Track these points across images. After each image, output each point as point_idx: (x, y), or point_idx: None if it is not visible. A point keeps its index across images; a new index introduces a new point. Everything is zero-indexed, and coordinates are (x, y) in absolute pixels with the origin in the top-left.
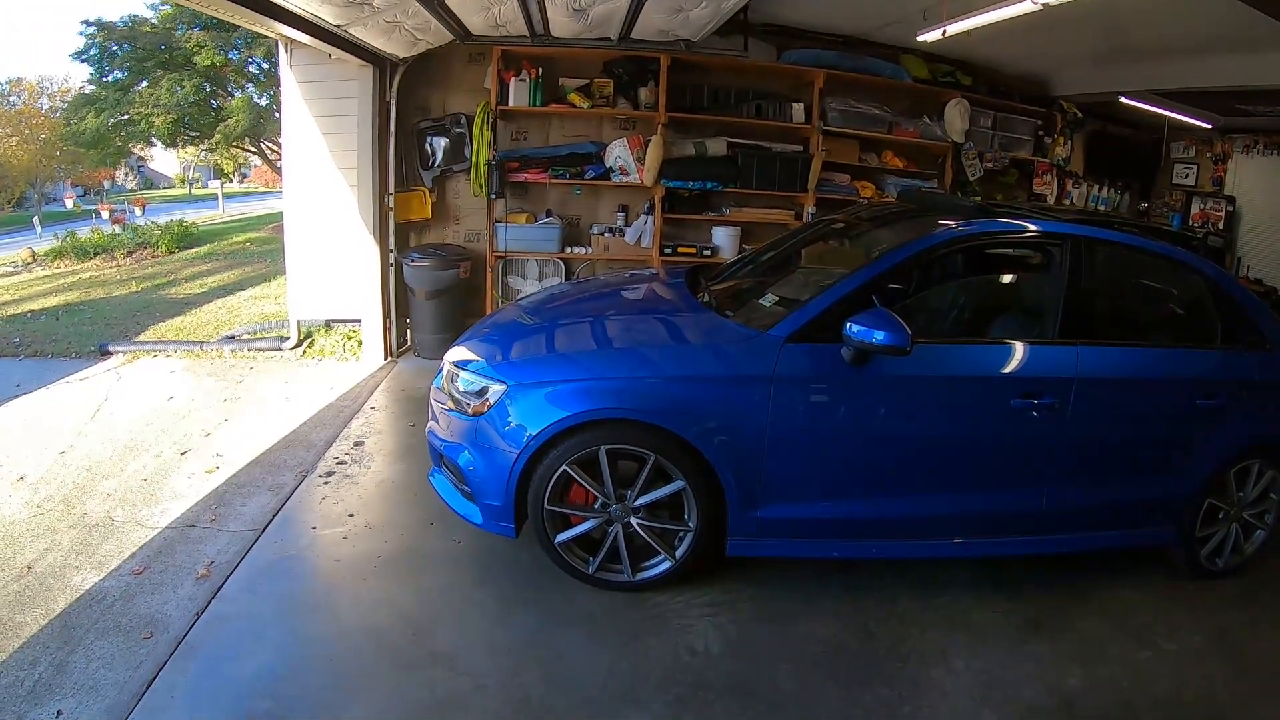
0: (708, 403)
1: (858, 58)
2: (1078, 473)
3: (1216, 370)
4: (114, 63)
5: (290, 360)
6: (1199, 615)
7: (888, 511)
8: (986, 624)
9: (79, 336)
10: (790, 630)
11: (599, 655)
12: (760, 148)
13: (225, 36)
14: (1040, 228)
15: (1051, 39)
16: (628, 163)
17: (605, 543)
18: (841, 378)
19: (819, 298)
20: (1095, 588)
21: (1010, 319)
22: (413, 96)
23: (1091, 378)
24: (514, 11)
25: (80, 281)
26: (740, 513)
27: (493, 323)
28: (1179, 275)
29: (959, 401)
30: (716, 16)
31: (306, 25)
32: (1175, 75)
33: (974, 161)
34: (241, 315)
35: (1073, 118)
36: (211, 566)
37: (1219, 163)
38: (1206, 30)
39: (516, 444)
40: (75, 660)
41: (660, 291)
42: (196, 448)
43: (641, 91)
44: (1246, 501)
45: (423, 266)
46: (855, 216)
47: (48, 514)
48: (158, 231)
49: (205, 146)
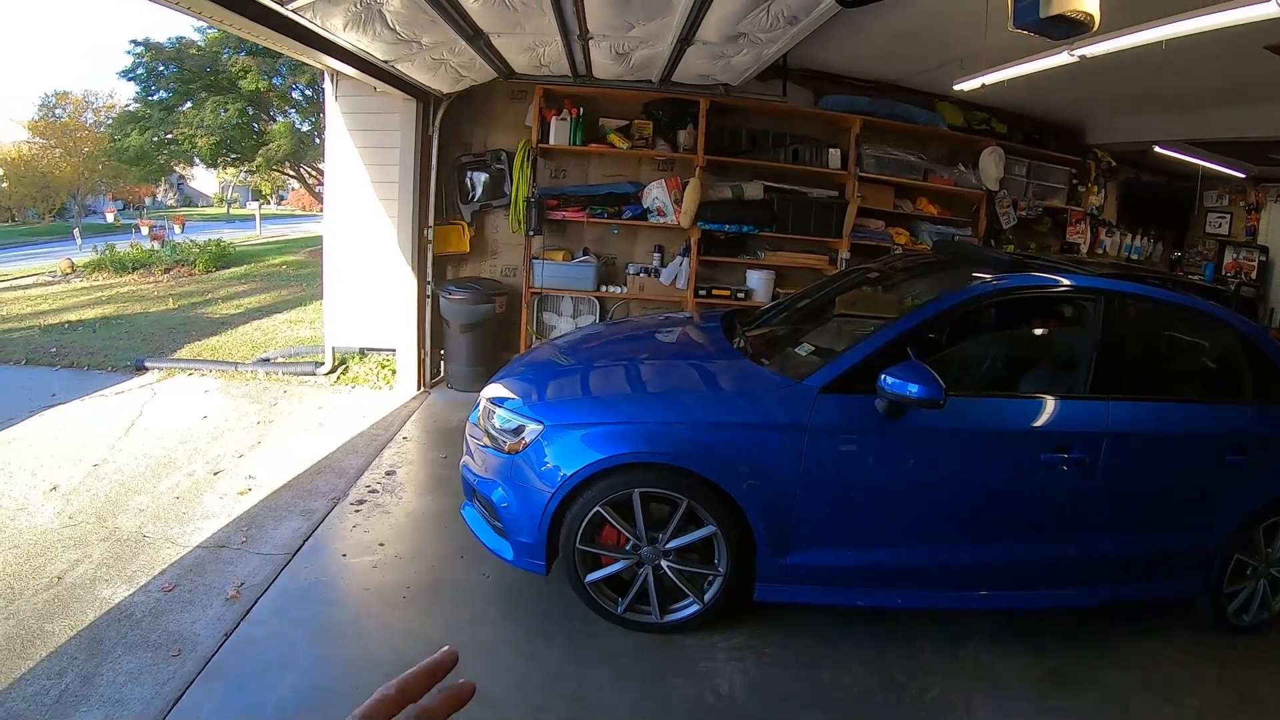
0: (741, 449)
1: (894, 104)
2: (1106, 526)
3: (1246, 425)
4: (160, 82)
5: (324, 386)
6: (1224, 671)
7: (915, 561)
8: (1010, 675)
9: (115, 350)
10: (815, 676)
11: (624, 694)
12: (796, 192)
13: (270, 63)
14: (1074, 282)
15: (1086, 88)
16: (665, 204)
17: (635, 584)
18: (874, 429)
19: (854, 349)
20: (1120, 641)
21: (1042, 373)
22: (455, 131)
23: (1121, 432)
24: (558, 53)
25: (118, 295)
26: (769, 559)
27: (529, 361)
28: (1210, 330)
29: (989, 455)
30: (758, 63)
31: (354, 59)
32: (1209, 125)
33: (1008, 209)
34: (277, 338)
35: (1106, 166)
36: (241, 588)
37: (1252, 212)
38: (1239, 80)
39: (551, 483)
40: (103, 673)
41: (695, 336)
42: (229, 468)
43: (680, 134)
44: (1275, 558)
45: (459, 299)
46: (890, 266)
47: (79, 525)
48: (196, 250)
49: (246, 168)
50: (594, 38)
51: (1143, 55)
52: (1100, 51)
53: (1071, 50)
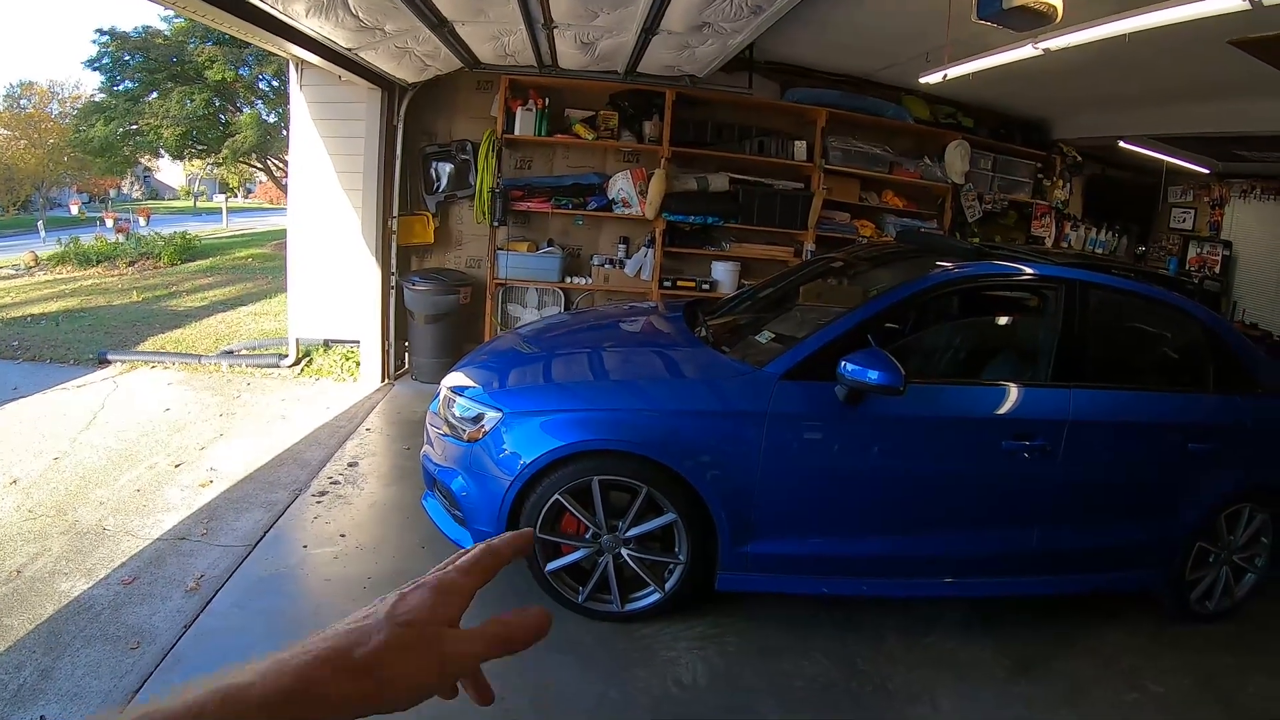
0: (701, 437)
1: (860, 97)
2: (1068, 514)
3: (1209, 415)
4: (125, 72)
5: (288, 378)
6: (1188, 658)
7: (879, 550)
8: (974, 664)
9: (78, 343)
10: (777, 666)
11: (588, 684)
12: (762, 184)
13: (237, 52)
14: (1036, 271)
15: (1052, 83)
16: (630, 195)
17: (595, 573)
18: (835, 416)
19: (814, 336)
20: (1084, 630)
21: (1004, 361)
22: (419, 121)
23: (1084, 421)
24: (523, 42)
25: (82, 288)
26: (731, 547)
27: (491, 350)
28: (1173, 320)
29: (951, 442)
30: (722, 54)
31: (318, 47)
32: (1174, 120)
33: (973, 203)
34: (241, 330)
35: (1072, 161)
36: (201, 580)
37: (1216, 207)
38: (1205, 76)
39: (510, 471)
40: (61, 666)
41: (658, 325)
42: (191, 460)
43: (646, 125)
44: (1237, 545)
45: (423, 290)
46: (854, 255)
47: (39, 519)
48: (161, 242)
49: (212, 160)
50: (558, 26)
51: (1107, 49)
52: (1064, 45)
53: (1035, 43)
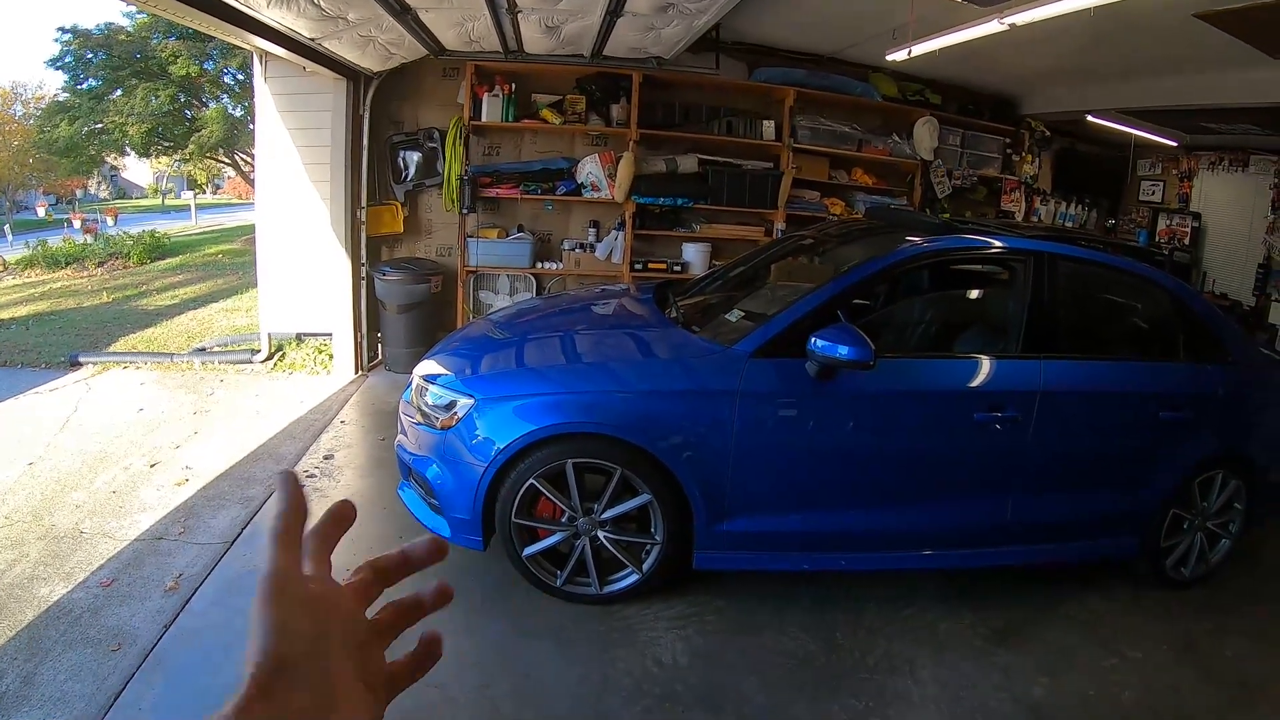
0: (673, 417)
1: (828, 76)
2: (1043, 484)
3: (1179, 383)
4: (89, 70)
5: (261, 373)
6: (1165, 624)
7: (855, 524)
8: (953, 635)
9: (49, 346)
10: (758, 642)
11: (568, 667)
12: (731, 164)
13: (200, 47)
14: (1004, 244)
15: (1019, 59)
16: (599, 179)
17: (573, 556)
18: (806, 392)
19: (784, 313)
20: (1062, 598)
21: (975, 333)
22: (386, 110)
23: (1055, 391)
24: (488, 28)
25: (51, 291)
26: (707, 526)
27: (462, 337)
28: (1142, 290)
29: (923, 415)
30: (688, 34)
31: (281, 38)
32: (1141, 94)
33: (942, 179)
34: (213, 327)
35: (1041, 136)
36: (180, 579)
37: (1185, 179)
38: (1172, 50)
39: (484, 457)
40: (43, 672)
41: (629, 307)
42: (166, 460)
43: (614, 108)
44: (1211, 511)
45: (394, 280)
46: (823, 233)
47: (15, 525)
48: (130, 242)
49: (179, 157)
50: (522, 11)
51: (1073, 24)
52: (1030, 19)
53: (1001, 18)
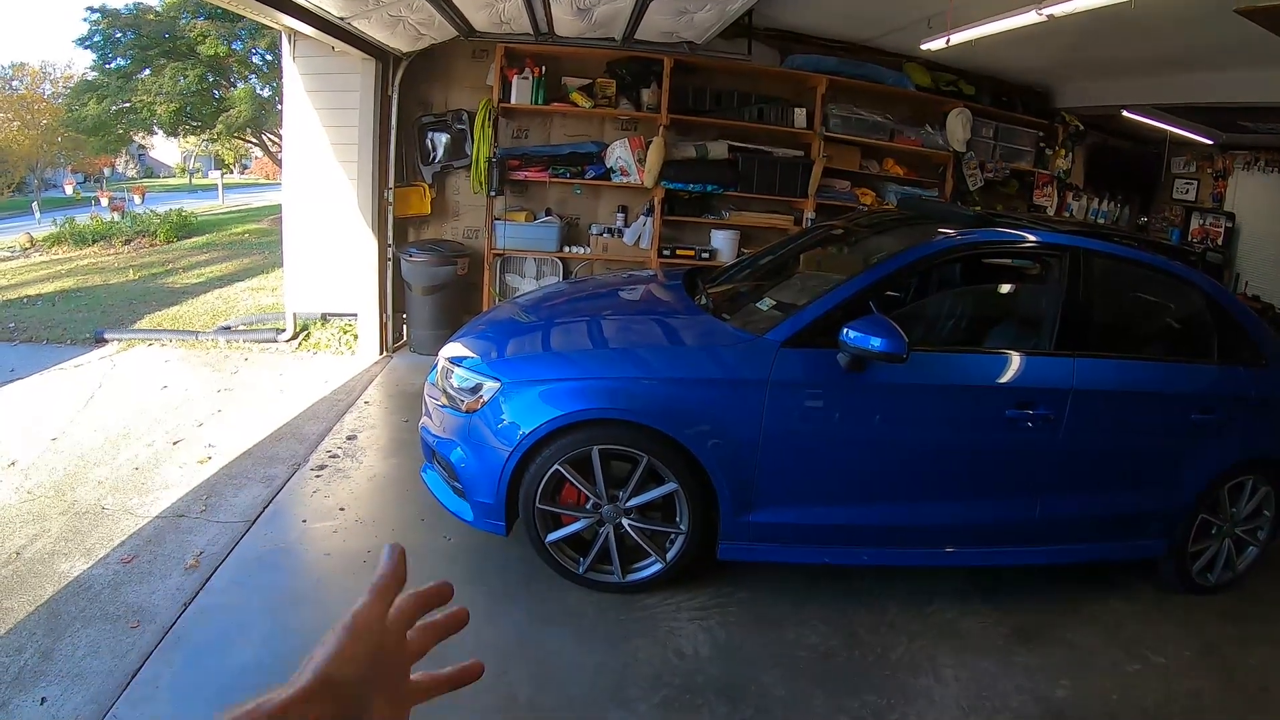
0: (702, 405)
1: (861, 64)
2: (1071, 484)
3: (1212, 385)
4: (117, 50)
5: (285, 353)
6: (1189, 630)
7: (880, 519)
8: (975, 633)
9: (75, 323)
10: (779, 635)
11: (587, 655)
12: (761, 152)
13: (229, 27)
14: (1039, 238)
15: (1055, 50)
16: (628, 163)
17: (596, 543)
18: (837, 384)
19: (816, 303)
20: (1085, 599)
21: (1007, 329)
22: (415, 91)
23: (1087, 389)
24: (518, 9)
25: (78, 268)
26: (732, 516)
27: (489, 320)
28: (1176, 289)
29: (953, 410)
30: (721, 19)
31: (311, 17)
32: (1178, 89)
33: (974, 171)
34: (238, 306)
35: (1074, 130)
36: (200, 557)
37: (1219, 179)
38: (1210, 45)
39: (509, 442)
40: (62, 647)
41: (657, 293)
42: (189, 438)
43: (644, 93)
44: (1240, 517)
45: (420, 262)
46: (854, 223)
47: (38, 500)
48: (156, 220)
49: (207, 136)
50: None
51: (1111, 16)
52: (1069, 10)
53: (1040, 9)
